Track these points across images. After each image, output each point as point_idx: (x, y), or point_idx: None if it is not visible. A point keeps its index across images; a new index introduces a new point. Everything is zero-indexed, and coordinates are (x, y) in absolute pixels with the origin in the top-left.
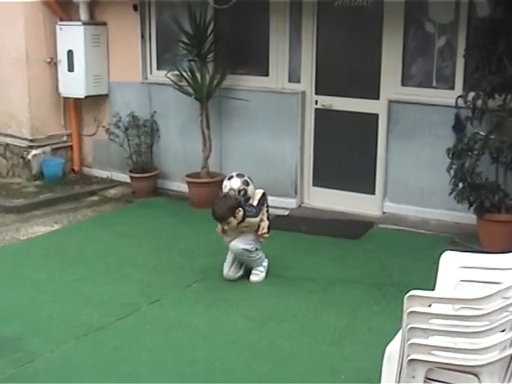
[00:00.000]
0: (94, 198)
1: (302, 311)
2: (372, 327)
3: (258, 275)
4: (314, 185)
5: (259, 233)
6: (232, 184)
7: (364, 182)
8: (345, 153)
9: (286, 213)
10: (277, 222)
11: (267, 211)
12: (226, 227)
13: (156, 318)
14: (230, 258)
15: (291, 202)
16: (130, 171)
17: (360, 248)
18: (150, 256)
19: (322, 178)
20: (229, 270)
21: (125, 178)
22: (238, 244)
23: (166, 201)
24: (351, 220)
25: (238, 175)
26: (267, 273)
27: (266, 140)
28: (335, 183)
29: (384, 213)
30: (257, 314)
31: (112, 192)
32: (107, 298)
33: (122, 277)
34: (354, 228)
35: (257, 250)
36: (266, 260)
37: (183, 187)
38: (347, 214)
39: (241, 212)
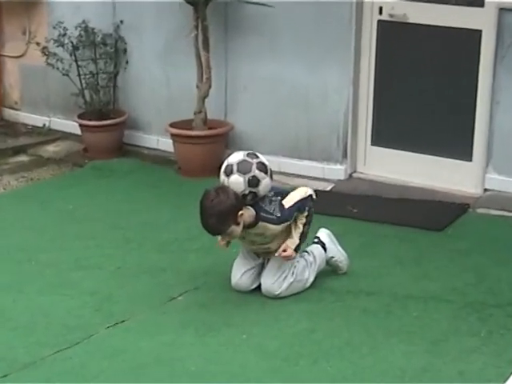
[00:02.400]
0: (22, 158)
1: (352, 343)
2: (464, 371)
3: (341, 270)
4: (375, 143)
5: (277, 254)
6: (231, 184)
7: (454, 141)
8: (424, 93)
9: (329, 187)
10: (314, 202)
11: (307, 220)
12: (226, 238)
13: (119, 349)
14: (242, 256)
15: (337, 171)
16: (81, 117)
17: (445, 246)
18: (110, 252)
19: (386, 133)
20: (241, 275)
21: (72, 127)
22: (270, 286)
23: (138, 164)
24: (432, 200)
25: (242, 165)
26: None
27: (298, 71)
28: (408, 142)
29: (486, 190)
30: (279, 346)
31: (51, 149)
32: (41, 318)
33: (66, 284)
34: (436, 213)
35: (298, 268)
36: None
37: (165, 143)
38: (426, 190)
39: (249, 211)
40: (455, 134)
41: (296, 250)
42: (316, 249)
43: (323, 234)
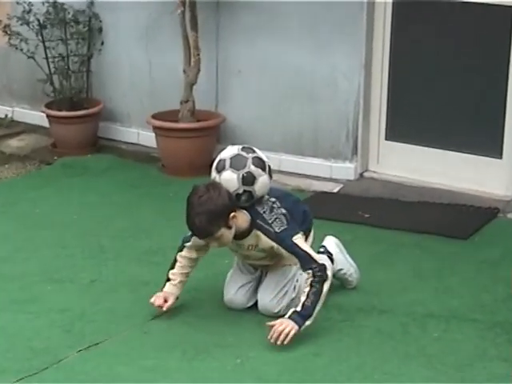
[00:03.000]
0: None
1: (363, 369)
2: None
3: (350, 284)
4: (389, 138)
5: (272, 332)
6: (224, 181)
7: (482, 135)
8: (447, 80)
9: (337, 188)
10: (320, 205)
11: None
12: (214, 245)
13: (93, 376)
14: (237, 268)
15: (346, 169)
16: (49, 106)
17: (471, 256)
18: (83, 263)
19: (403, 126)
20: (236, 291)
21: (38, 118)
22: (269, 303)
23: (115, 162)
24: (456, 204)
25: (236, 160)
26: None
27: (302, 53)
28: (428, 136)
29: None
30: (279, 372)
31: (14, 144)
32: (1, 340)
33: (31, 300)
34: (460, 218)
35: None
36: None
37: (147, 137)
38: (449, 192)
39: (243, 215)
40: (483, 127)
41: (316, 276)
42: None
43: (330, 242)
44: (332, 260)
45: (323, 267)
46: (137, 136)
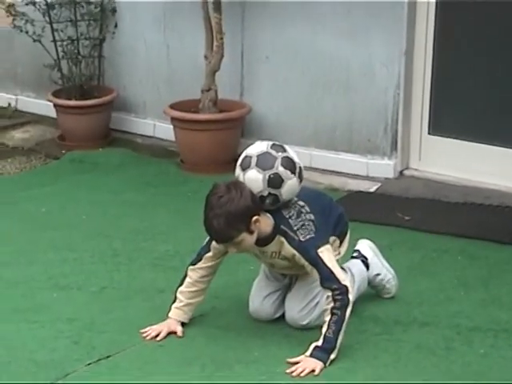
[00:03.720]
0: None
1: None
2: None
3: (388, 293)
4: (433, 132)
5: (293, 373)
6: (248, 181)
7: None
8: (498, 67)
9: (374, 187)
10: (355, 206)
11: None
12: (233, 251)
13: None
14: (264, 275)
15: (384, 167)
16: (57, 95)
17: None
18: (93, 268)
19: (448, 119)
20: (262, 300)
21: (45, 107)
22: (298, 314)
23: (129, 156)
24: (507, 206)
25: (263, 159)
26: None
27: (336, 38)
28: (475, 130)
29: None
30: None
31: (18, 136)
32: (3, 352)
33: (36, 308)
34: (510, 222)
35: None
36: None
37: (164, 130)
38: (498, 192)
39: (267, 219)
40: None
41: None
42: (355, 265)
43: (364, 246)
44: (367, 265)
45: (345, 289)
46: (153, 128)
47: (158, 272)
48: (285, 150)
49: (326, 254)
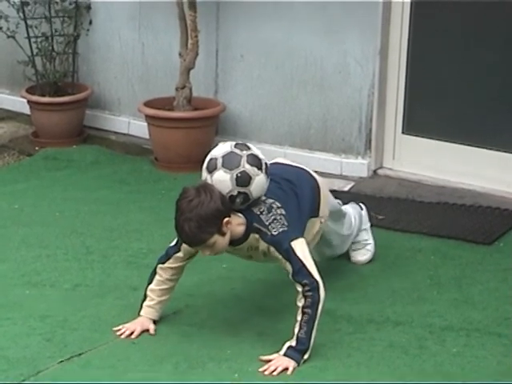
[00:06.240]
0: None
1: None
2: None
3: (365, 254)
4: (407, 131)
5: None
6: (216, 182)
7: (510, 130)
8: (473, 66)
9: (348, 186)
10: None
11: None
12: (207, 253)
13: None
14: None
15: (358, 166)
16: (30, 91)
17: (495, 263)
18: (66, 265)
19: (422, 119)
20: None
21: (19, 104)
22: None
23: (103, 154)
24: (480, 206)
25: (229, 159)
26: None
27: (311, 37)
28: (449, 129)
29: None
30: None
31: None
32: None
33: (8, 305)
34: (484, 222)
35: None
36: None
37: (138, 127)
38: (472, 192)
39: (238, 219)
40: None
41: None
42: (351, 205)
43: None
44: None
45: (315, 285)
46: (127, 126)
47: (132, 270)
48: (249, 148)
49: (299, 246)
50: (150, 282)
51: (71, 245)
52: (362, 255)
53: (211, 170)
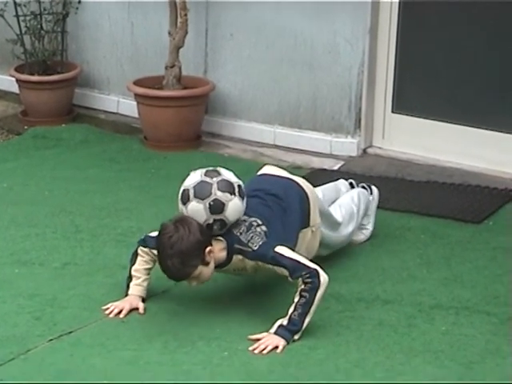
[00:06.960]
0: None
1: (364, 365)
2: None
3: (359, 235)
4: (396, 110)
5: (254, 349)
6: (191, 213)
7: (502, 108)
8: (464, 46)
9: (337, 165)
10: (318, 184)
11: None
12: (194, 284)
13: (64, 369)
14: None
15: (348, 145)
16: (19, 70)
17: (484, 242)
18: (55, 244)
19: (412, 98)
20: None
21: (7, 83)
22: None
23: (92, 133)
24: (469, 185)
25: (199, 188)
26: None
27: (301, 16)
28: (439, 108)
29: None
30: (270, 367)
31: None
32: None
33: None
34: (473, 201)
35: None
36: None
37: (128, 106)
38: (462, 171)
39: (219, 244)
40: (504, 99)
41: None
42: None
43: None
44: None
45: (315, 272)
46: (116, 104)
47: (121, 248)
48: (219, 174)
49: (284, 249)
50: (133, 263)
51: (60, 223)
52: (356, 236)
53: (185, 201)
